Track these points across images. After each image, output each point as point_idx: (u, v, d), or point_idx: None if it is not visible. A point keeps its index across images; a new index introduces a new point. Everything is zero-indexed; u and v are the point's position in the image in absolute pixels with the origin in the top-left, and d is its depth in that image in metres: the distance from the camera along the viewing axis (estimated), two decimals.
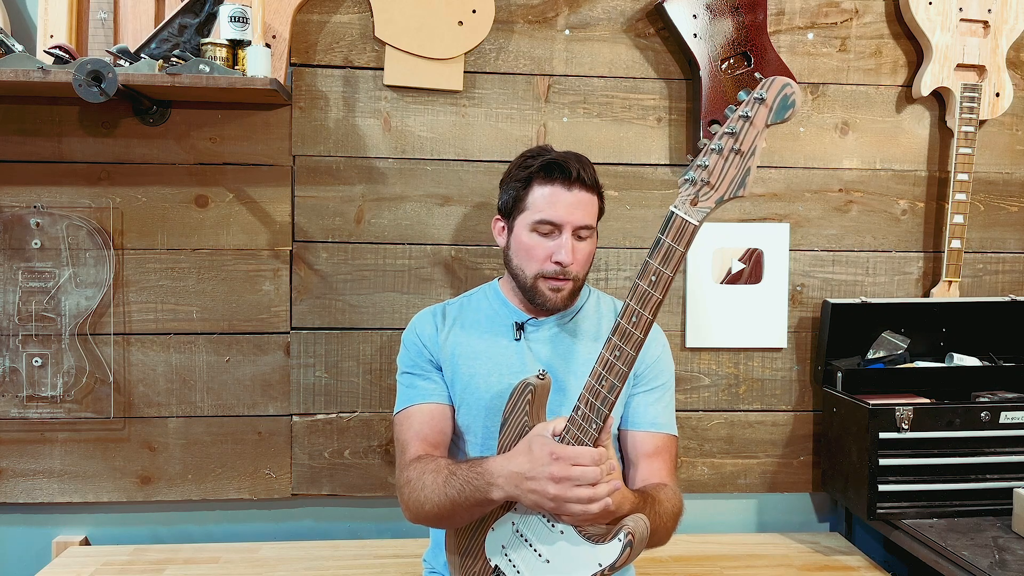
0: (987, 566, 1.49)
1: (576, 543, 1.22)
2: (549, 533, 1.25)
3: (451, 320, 1.52)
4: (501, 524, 1.31)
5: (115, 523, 1.92)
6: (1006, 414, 1.78)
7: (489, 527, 1.32)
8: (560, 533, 1.24)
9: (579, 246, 1.41)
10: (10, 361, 1.84)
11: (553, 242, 1.39)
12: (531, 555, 1.27)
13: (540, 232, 1.39)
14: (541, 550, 1.26)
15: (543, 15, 1.92)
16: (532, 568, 1.26)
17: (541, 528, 1.26)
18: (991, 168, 2.03)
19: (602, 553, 1.19)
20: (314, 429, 1.92)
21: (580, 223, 1.39)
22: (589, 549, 1.20)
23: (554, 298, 1.41)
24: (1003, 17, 1.94)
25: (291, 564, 1.78)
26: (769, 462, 2.02)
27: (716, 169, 1.08)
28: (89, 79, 1.57)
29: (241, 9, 1.70)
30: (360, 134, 1.90)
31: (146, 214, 1.86)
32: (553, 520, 1.25)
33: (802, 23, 1.97)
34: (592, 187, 1.41)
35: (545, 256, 1.39)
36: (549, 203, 1.38)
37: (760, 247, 1.97)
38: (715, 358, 1.99)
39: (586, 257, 1.43)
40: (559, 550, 1.24)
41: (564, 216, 1.38)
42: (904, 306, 1.95)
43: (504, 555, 1.30)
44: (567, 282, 1.41)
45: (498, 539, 1.31)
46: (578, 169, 1.39)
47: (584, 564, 1.20)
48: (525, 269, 1.42)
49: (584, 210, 1.40)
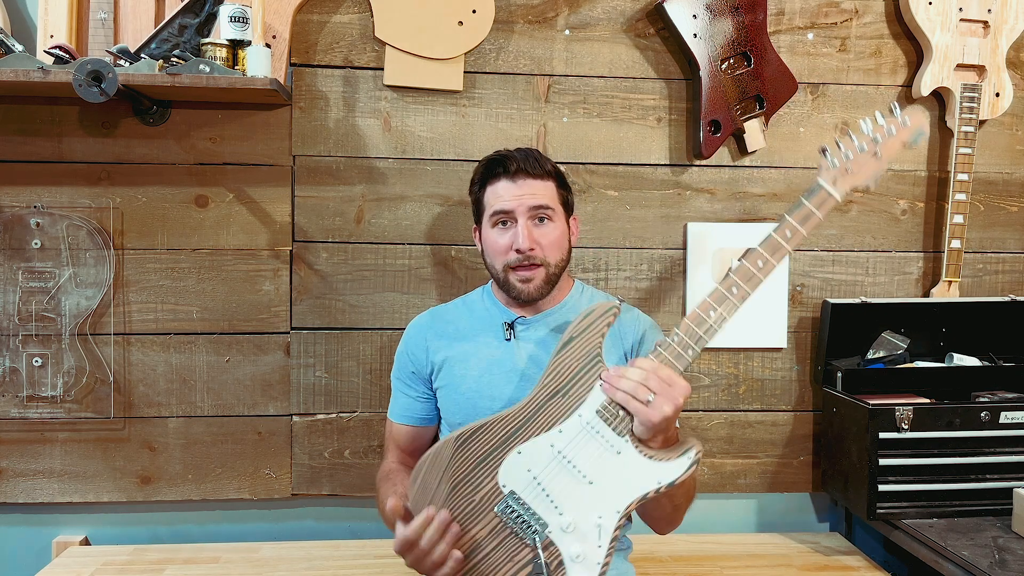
0: (987, 566, 1.49)
1: (634, 462, 1.18)
2: (603, 452, 1.19)
3: (442, 324, 1.54)
4: (533, 446, 1.22)
5: (115, 523, 1.92)
6: (1006, 414, 1.78)
7: (511, 449, 1.22)
8: (617, 454, 1.19)
9: (540, 230, 1.43)
10: (10, 361, 1.84)
11: (510, 231, 1.43)
12: (571, 476, 1.20)
13: (499, 225, 1.44)
14: (587, 470, 1.19)
15: (543, 15, 1.92)
16: (568, 490, 1.19)
17: (595, 447, 1.20)
18: (991, 168, 2.03)
19: (664, 471, 1.17)
20: (314, 429, 1.92)
21: (531, 204, 1.42)
22: (649, 466, 1.17)
23: (526, 288, 1.43)
24: (1003, 17, 1.94)
25: (291, 564, 1.78)
26: (769, 462, 2.02)
27: (857, 163, 1.25)
28: (89, 79, 1.57)
29: (241, 9, 1.70)
30: (360, 134, 1.90)
31: (146, 214, 1.86)
32: (619, 433, 1.19)
33: (802, 23, 1.97)
34: (540, 175, 1.44)
35: (507, 247, 1.42)
36: (498, 195, 1.43)
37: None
38: (715, 358, 1.99)
39: (553, 241, 1.44)
40: (610, 470, 1.19)
41: (512, 204, 1.42)
42: (904, 306, 1.95)
43: (531, 478, 1.20)
44: (536, 268, 1.42)
45: (525, 462, 1.21)
46: (519, 161, 1.43)
47: (638, 485, 1.17)
48: (496, 265, 1.46)
49: (534, 194, 1.43)
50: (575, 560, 1.18)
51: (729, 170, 1.97)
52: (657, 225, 1.96)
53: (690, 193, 1.97)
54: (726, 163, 1.97)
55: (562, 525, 1.19)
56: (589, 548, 1.18)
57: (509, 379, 1.44)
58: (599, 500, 1.19)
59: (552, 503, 1.20)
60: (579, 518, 1.19)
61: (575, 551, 1.18)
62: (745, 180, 1.98)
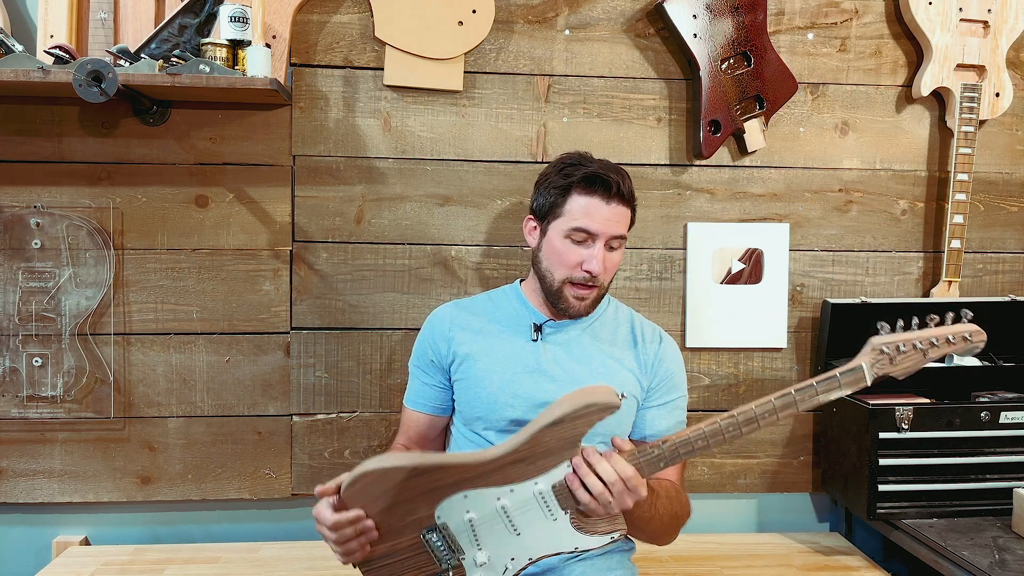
0: (987, 566, 1.49)
1: (563, 529, 1.26)
2: (542, 518, 1.25)
3: (467, 317, 1.55)
4: (480, 495, 1.25)
5: (115, 523, 1.92)
6: (1006, 414, 1.78)
7: (459, 491, 1.25)
8: (553, 520, 1.25)
9: (609, 256, 1.45)
10: (10, 361, 1.84)
11: (586, 250, 1.42)
12: (503, 527, 1.26)
13: (574, 239, 1.43)
14: (519, 526, 1.26)
15: (543, 15, 1.92)
16: (494, 536, 1.26)
17: (536, 512, 1.25)
18: (991, 168, 2.03)
19: (585, 541, 1.26)
20: (314, 429, 1.92)
21: (614, 233, 1.43)
22: (574, 535, 1.26)
23: (578, 306, 1.45)
24: (1003, 17, 1.94)
25: (291, 564, 1.78)
26: (769, 462, 2.02)
27: (903, 356, 1.27)
28: (89, 79, 1.57)
29: (241, 9, 1.70)
30: (360, 134, 1.90)
31: (146, 214, 1.86)
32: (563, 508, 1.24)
33: (802, 23, 1.97)
34: (629, 200, 1.45)
35: (576, 263, 1.42)
36: (586, 213, 1.41)
37: (760, 247, 1.97)
38: (715, 358, 1.99)
39: (614, 267, 1.48)
40: (539, 529, 1.26)
41: (600, 227, 1.41)
42: (904, 306, 1.95)
43: (466, 520, 1.25)
44: (593, 290, 1.45)
45: (466, 505, 1.25)
46: (618, 183, 1.42)
47: (558, 544, 1.26)
48: (554, 272, 1.45)
49: (619, 222, 1.44)
50: None
51: (729, 170, 1.97)
52: (657, 225, 1.96)
53: (690, 193, 1.97)
54: (726, 163, 1.97)
55: (476, 559, 1.27)
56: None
57: (534, 380, 1.45)
58: (518, 547, 1.27)
59: (476, 542, 1.27)
60: (494, 557, 1.28)
61: None
62: (745, 180, 1.98)
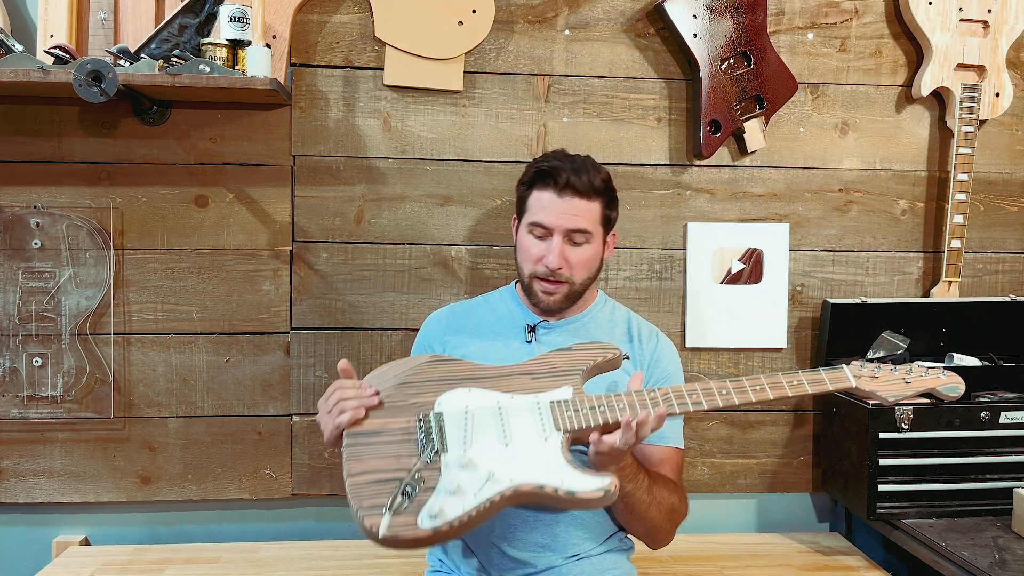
0: (987, 566, 1.49)
1: (552, 455, 1.20)
2: (535, 431, 1.23)
3: (461, 320, 1.55)
4: (483, 393, 1.28)
5: (115, 523, 1.92)
6: (1006, 414, 1.78)
7: (465, 385, 1.29)
8: (544, 440, 1.22)
9: (573, 251, 1.43)
10: (10, 361, 1.84)
11: (545, 245, 1.43)
12: (495, 429, 1.23)
13: (535, 234, 1.45)
14: (512, 434, 1.23)
15: (543, 15, 1.92)
16: (484, 437, 1.22)
17: (531, 423, 1.23)
18: (991, 168, 2.03)
19: (573, 479, 1.17)
20: (314, 429, 1.92)
21: (570, 227, 1.42)
22: (563, 467, 1.18)
23: (547, 300, 1.45)
24: (1003, 17, 1.94)
25: (291, 564, 1.78)
26: (769, 462, 2.02)
27: (884, 379, 1.30)
28: (89, 79, 1.57)
29: (241, 9, 1.70)
30: (360, 134, 1.90)
31: (146, 214, 1.86)
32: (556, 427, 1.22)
33: (802, 23, 1.97)
34: (588, 194, 1.43)
35: (537, 257, 1.44)
36: (541, 207, 1.44)
37: (760, 247, 1.97)
38: (715, 358, 1.99)
39: (583, 262, 1.45)
40: (529, 445, 1.21)
41: (553, 221, 1.42)
42: (904, 306, 1.95)
43: (463, 411, 1.25)
44: (561, 285, 1.44)
45: (467, 399, 1.27)
46: (568, 177, 1.41)
47: (542, 473, 1.18)
48: (523, 267, 1.48)
49: (577, 216, 1.42)
50: (447, 492, 1.16)
51: (729, 170, 1.97)
52: (657, 225, 1.96)
53: (690, 193, 1.97)
54: (726, 163, 1.97)
55: (460, 459, 1.20)
56: (466, 492, 1.16)
57: None
58: (503, 461, 1.20)
59: (465, 438, 1.22)
60: (477, 461, 1.19)
61: (453, 486, 1.17)
62: (745, 180, 1.97)
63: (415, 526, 1.12)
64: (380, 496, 1.16)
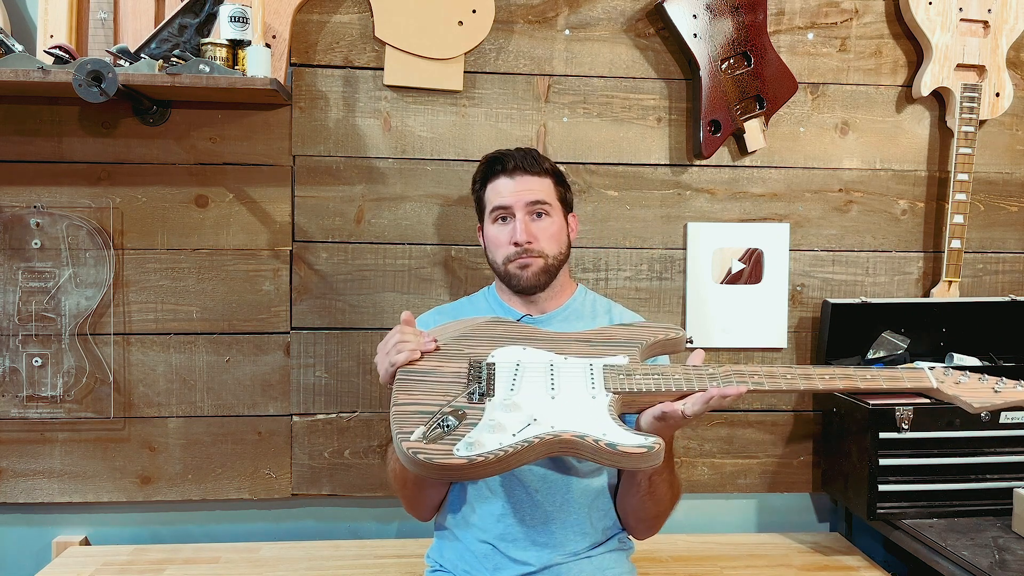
0: (987, 566, 1.49)
1: (598, 411, 1.20)
2: (583, 389, 1.24)
3: (448, 320, 1.53)
4: (536, 352, 1.32)
5: (115, 523, 1.92)
6: (1006, 414, 1.78)
7: (520, 344, 1.33)
8: (592, 398, 1.23)
9: (537, 224, 1.48)
10: (10, 361, 1.84)
11: (509, 226, 1.48)
12: (543, 384, 1.26)
13: (498, 220, 1.50)
14: (560, 389, 1.25)
15: (543, 15, 1.92)
16: (532, 388, 1.25)
17: (581, 383, 1.25)
18: (991, 168, 2.03)
19: (616, 433, 1.17)
20: (314, 429, 1.92)
21: (528, 200, 1.47)
22: (607, 422, 1.18)
23: (523, 275, 1.47)
24: (1003, 17, 1.94)
25: (291, 564, 1.78)
26: (769, 462, 2.02)
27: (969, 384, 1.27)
28: (89, 79, 1.57)
29: (241, 9, 1.70)
30: (360, 134, 1.90)
31: (146, 214, 1.86)
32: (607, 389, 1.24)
33: (802, 23, 1.97)
34: (538, 172, 1.50)
35: (506, 240, 1.48)
36: (498, 192, 1.50)
37: (760, 247, 1.97)
38: (715, 358, 1.99)
39: (551, 235, 1.49)
40: (575, 400, 1.22)
41: (511, 199, 1.48)
42: (904, 306, 1.95)
43: (515, 364, 1.29)
44: (534, 258, 1.47)
45: (520, 356, 1.31)
46: (516, 159, 1.49)
47: (586, 424, 1.18)
48: (497, 259, 1.50)
49: (532, 190, 1.48)
50: (488, 427, 1.17)
51: (729, 170, 1.97)
52: (657, 225, 1.96)
53: (690, 193, 1.97)
54: (726, 163, 1.97)
55: (504, 400, 1.22)
56: (506, 429, 1.17)
57: None
58: (547, 409, 1.21)
59: (512, 387, 1.25)
60: (522, 404, 1.21)
61: (494, 422, 1.18)
62: (745, 180, 1.97)
63: (451, 453, 1.13)
64: (421, 425, 1.18)
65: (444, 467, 1.13)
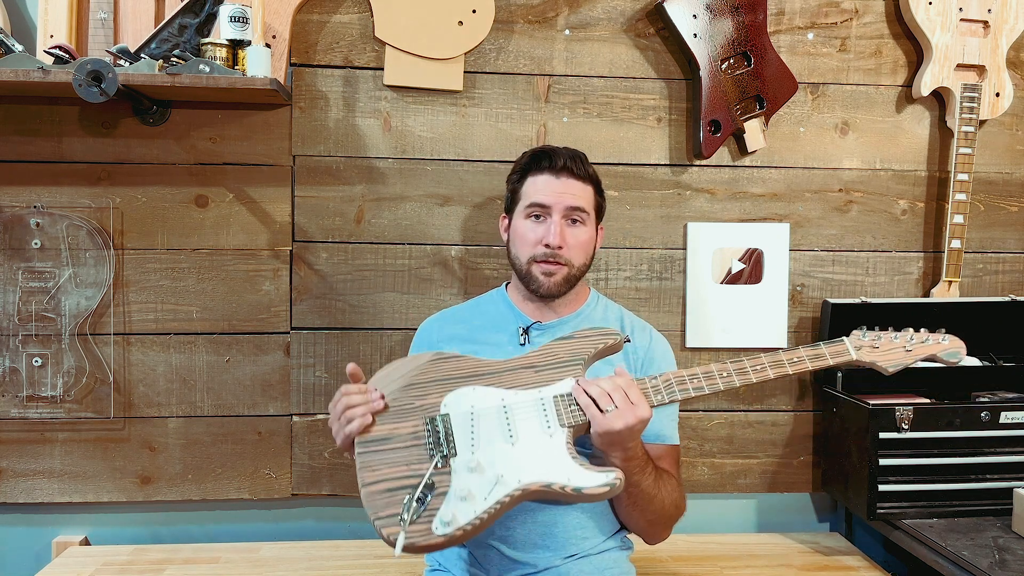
0: (987, 566, 1.49)
1: (557, 451, 1.23)
2: (539, 427, 1.25)
3: (452, 326, 1.55)
4: (487, 391, 1.30)
5: (115, 523, 1.92)
6: (1006, 414, 1.78)
7: (470, 384, 1.31)
8: (549, 437, 1.24)
9: (571, 231, 1.46)
10: (10, 361, 1.84)
11: (543, 226, 1.45)
12: (500, 428, 1.26)
13: (533, 216, 1.46)
14: (517, 432, 1.25)
15: (543, 15, 1.92)
16: (490, 437, 1.25)
17: (535, 420, 1.26)
18: (991, 168, 2.03)
19: (579, 476, 1.21)
20: (314, 429, 1.92)
21: (569, 204, 1.45)
22: (568, 464, 1.22)
23: (547, 282, 1.45)
24: (1003, 17, 1.94)
25: (291, 564, 1.78)
26: (769, 462, 2.02)
27: (884, 347, 1.32)
28: (89, 79, 1.57)
29: (241, 9, 1.70)
30: (360, 134, 1.90)
31: (146, 214, 1.86)
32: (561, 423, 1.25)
33: (802, 23, 1.97)
34: (583, 177, 1.47)
35: (537, 239, 1.45)
36: (538, 189, 1.46)
37: (760, 247, 1.97)
38: (715, 358, 1.99)
39: (581, 244, 1.47)
40: (535, 443, 1.24)
41: (552, 199, 1.44)
42: (904, 306, 1.95)
43: (469, 411, 1.28)
44: (560, 266, 1.45)
45: (472, 398, 1.29)
46: (566, 159, 1.46)
47: (549, 471, 1.21)
48: (520, 255, 1.48)
49: (574, 195, 1.46)
50: (458, 497, 1.20)
51: (729, 170, 1.97)
52: (657, 225, 1.96)
53: (690, 193, 1.97)
54: (726, 163, 1.97)
55: (468, 462, 1.23)
56: (476, 496, 1.20)
57: None
58: (510, 461, 1.23)
59: (472, 440, 1.25)
60: (485, 464, 1.23)
61: (463, 491, 1.21)
62: (745, 180, 1.98)
63: (430, 533, 1.18)
64: (394, 505, 1.20)
65: (427, 547, 1.18)
